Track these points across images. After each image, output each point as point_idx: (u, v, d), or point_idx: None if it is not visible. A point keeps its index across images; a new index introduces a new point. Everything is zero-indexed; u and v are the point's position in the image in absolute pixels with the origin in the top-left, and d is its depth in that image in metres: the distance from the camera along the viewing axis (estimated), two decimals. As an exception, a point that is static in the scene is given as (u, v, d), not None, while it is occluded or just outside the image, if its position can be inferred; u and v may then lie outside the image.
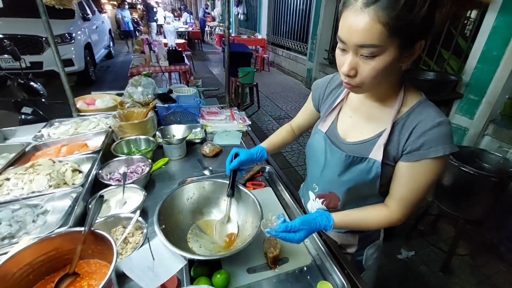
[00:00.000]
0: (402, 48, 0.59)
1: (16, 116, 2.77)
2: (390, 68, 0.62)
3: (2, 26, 4.77)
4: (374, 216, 0.81)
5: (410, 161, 0.71)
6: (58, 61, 1.45)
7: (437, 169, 0.71)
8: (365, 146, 0.78)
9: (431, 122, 0.68)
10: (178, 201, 0.97)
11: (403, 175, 0.74)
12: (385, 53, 0.59)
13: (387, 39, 0.56)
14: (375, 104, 0.78)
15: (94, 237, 0.66)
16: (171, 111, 1.70)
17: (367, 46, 0.58)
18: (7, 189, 0.95)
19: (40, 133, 1.40)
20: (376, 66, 0.60)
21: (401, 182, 0.75)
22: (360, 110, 0.82)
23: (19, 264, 0.59)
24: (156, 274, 0.68)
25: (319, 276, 0.85)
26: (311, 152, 0.93)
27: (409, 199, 0.76)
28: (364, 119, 0.81)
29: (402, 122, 0.73)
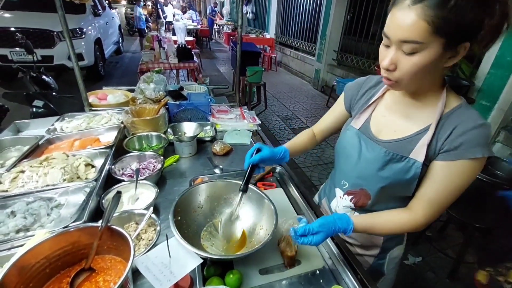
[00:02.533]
0: (445, 48, 0.59)
1: (26, 108, 2.80)
2: (430, 66, 0.62)
3: (14, 20, 4.83)
4: (396, 220, 0.78)
5: (447, 160, 0.70)
6: (73, 55, 1.45)
7: (472, 172, 0.69)
8: (402, 144, 0.76)
9: (473, 123, 0.67)
10: (197, 197, 0.97)
11: (436, 175, 0.72)
12: (426, 50, 0.59)
13: (430, 37, 0.57)
14: (413, 103, 0.77)
15: (110, 232, 0.66)
16: (182, 108, 1.70)
17: (409, 42, 0.59)
18: (22, 182, 0.96)
19: (53, 126, 1.41)
20: (417, 62, 0.61)
21: (432, 182, 0.73)
22: (395, 109, 0.81)
23: (37, 257, 0.59)
24: (172, 272, 0.68)
25: (331, 280, 0.84)
26: (342, 149, 0.92)
27: (438, 202, 0.73)
28: (400, 118, 0.80)
29: (442, 122, 0.71)
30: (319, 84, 6.48)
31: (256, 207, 0.97)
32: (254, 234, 0.93)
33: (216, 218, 0.99)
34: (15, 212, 0.86)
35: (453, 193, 0.72)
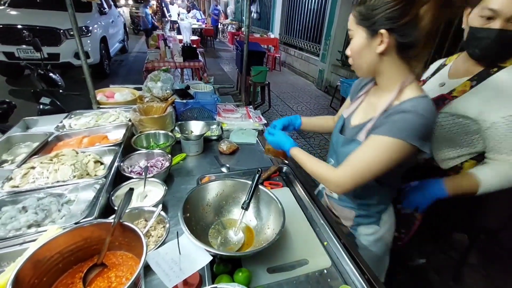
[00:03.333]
0: (367, 34, 0.77)
1: (33, 105, 2.83)
2: (361, 51, 0.80)
3: (21, 17, 4.87)
4: (323, 167, 0.91)
5: (370, 134, 0.81)
6: (82, 54, 1.47)
7: (386, 149, 0.76)
8: (357, 130, 0.90)
9: (405, 108, 0.75)
10: (206, 195, 0.98)
11: (361, 145, 0.83)
12: (356, 36, 0.80)
13: (354, 26, 0.80)
14: (377, 94, 0.91)
15: (122, 229, 0.66)
16: (188, 107, 1.71)
17: (348, 29, 0.84)
18: (32, 178, 0.97)
19: (62, 123, 1.42)
20: (352, 46, 0.83)
21: (356, 150, 0.83)
22: (367, 99, 0.96)
23: (51, 251, 0.60)
24: (181, 269, 0.69)
25: (339, 279, 0.84)
26: (333, 132, 1.09)
27: (354, 165, 0.82)
28: (366, 107, 0.94)
29: (388, 112, 0.80)
30: (323, 85, 6.47)
31: (265, 207, 0.98)
32: (262, 233, 0.94)
33: (224, 216, 1.00)
34: (26, 207, 0.87)
35: (368, 162, 0.79)
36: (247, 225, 0.98)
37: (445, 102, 0.99)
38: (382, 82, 0.86)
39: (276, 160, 1.42)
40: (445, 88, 1.04)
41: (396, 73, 0.81)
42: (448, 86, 1.03)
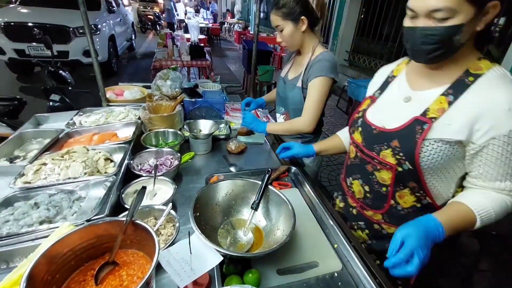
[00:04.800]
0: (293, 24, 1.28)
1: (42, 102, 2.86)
2: (292, 35, 1.31)
3: (32, 15, 4.93)
4: (292, 122, 1.41)
5: (308, 82, 1.32)
6: (93, 52, 1.48)
7: (320, 86, 1.28)
8: (294, 81, 1.41)
9: (317, 59, 1.29)
10: (216, 194, 0.97)
11: (307, 93, 1.33)
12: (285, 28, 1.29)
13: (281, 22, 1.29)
14: (299, 58, 1.43)
15: (134, 227, 0.66)
16: (197, 105, 1.71)
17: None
18: (44, 174, 0.97)
19: (72, 120, 1.43)
20: (283, 35, 1.31)
21: (306, 98, 1.34)
22: (294, 63, 1.47)
23: (64, 248, 0.60)
24: (192, 268, 0.68)
25: (351, 283, 0.83)
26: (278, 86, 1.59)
27: (306, 108, 1.33)
28: (294, 68, 1.46)
29: (309, 65, 1.33)
30: (332, 85, 6.42)
31: (274, 208, 0.97)
32: (272, 234, 0.93)
33: (233, 216, 0.99)
34: (38, 203, 0.87)
35: (315, 101, 1.30)
36: (256, 225, 0.97)
37: (424, 127, 0.77)
38: (303, 50, 1.38)
39: (285, 160, 1.42)
40: (414, 105, 0.84)
41: (310, 41, 1.35)
42: (417, 102, 0.83)
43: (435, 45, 0.71)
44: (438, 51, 0.72)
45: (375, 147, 0.89)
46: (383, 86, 0.97)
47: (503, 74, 0.73)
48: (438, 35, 0.69)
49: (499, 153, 0.73)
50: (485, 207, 0.75)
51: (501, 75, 0.73)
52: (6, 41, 4.68)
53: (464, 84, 0.75)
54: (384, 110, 0.92)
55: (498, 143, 0.72)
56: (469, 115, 0.73)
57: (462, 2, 0.64)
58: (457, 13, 0.65)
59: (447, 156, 0.78)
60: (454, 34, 0.68)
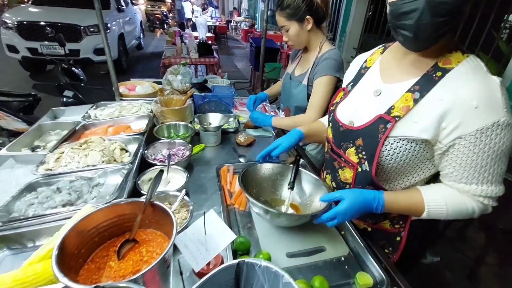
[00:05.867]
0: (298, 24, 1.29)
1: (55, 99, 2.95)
2: (298, 34, 1.32)
3: (44, 14, 5.04)
4: (297, 117, 1.43)
5: (314, 80, 1.34)
6: (107, 49, 1.54)
7: (325, 84, 1.31)
8: (300, 78, 1.44)
9: (324, 58, 1.32)
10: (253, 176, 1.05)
11: (312, 91, 1.36)
12: (291, 28, 1.30)
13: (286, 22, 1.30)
14: (306, 55, 1.45)
15: (152, 208, 0.70)
16: (206, 100, 1.75)
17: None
18: (65, 162, 1.03)
19: (88, 113, 1.49)
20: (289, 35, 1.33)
21: (312, 95, 1.37)
22: (302, 60, 1.50)
23: (89, 225, 0.64)
24: (207, 249, 0.72)
25: (357, 267, 0.86)
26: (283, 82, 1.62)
27: (311, 105, 1.36)
28: (301, 64, 1.48)
29: (316, 63, 1.35)
30: (337, 82, 6.41)
31: (307, 185, 1.05)
32: (308, 207, 1.01)
33: (269, 197, 1.06)
34: (60, 188, 0.93)
35: (320, 99, 1.33)
36: (292, 203, 1.03)
37: (387, 126, 0.74)
38: (310, 47, 1.40)
39: (292, 153, 1.45)
40: (382, 100, 0.79)
41: (317, 38, 1.37)
42: (385, 96, 0.79)
43: (442, 18, 0.59)
44: (443, 29, 0.61)
45: (342, 145, 0.89)
46: (356, 78, 0.93)
47: (474, 66, 0.67)
48: (448, 2, 0.57)
49: (464, 154, 0.68)
50: (438, 203, 0.74)
51: (472, 68, 0.67)
52: (19, 39, 4.80)
53: (431, 79, 0.70)
54: (354, 105, 0.88)
55: (464, 143, 0.67)
56: (435, 112, 0.68)
57: None
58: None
59: (412, 155, 0.75)
60: (464, 4, 0.58)
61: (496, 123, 0.63)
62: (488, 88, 0.64)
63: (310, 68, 1.37)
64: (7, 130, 2.27)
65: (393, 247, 0.98)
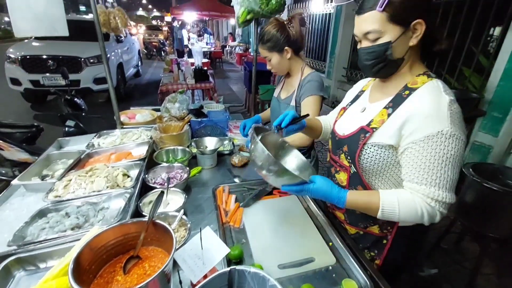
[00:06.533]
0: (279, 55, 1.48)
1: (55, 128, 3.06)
2: (280, 63, 1.50)
3: (46, 48, 5.29)
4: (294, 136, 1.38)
5: (301, 101, 1.48)
6: (109, 79, 1.66)
7: (312, 103, 1.45)
8: (288, 100, 1.57)
9: (307, 80, 1.48)
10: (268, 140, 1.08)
11: (301, 111, 1.49)
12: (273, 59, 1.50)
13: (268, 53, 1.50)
14: (289, 79, 1.61)
15: (154, 226, 0.79)
16: (203, 125, 1.87)
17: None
18: (73, 189, 1.12)
19: (91, 142, 1.59)
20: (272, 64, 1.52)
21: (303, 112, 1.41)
22: (286, 84, 1.65)
23: (98, 244, 0.72)
24: (204, 263, 0.80)
25: (344, 275, 0.93)
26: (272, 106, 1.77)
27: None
28: (286, 88, 1.63)
29: (300, 86, 1.50)
30: (330, 100, 6.62)
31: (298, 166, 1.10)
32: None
33: None
34: (68, 213, 1.01)
35: (311, 115, 1.33)
36: None
37: (366, 135, 0.90)
38: (292, 72, 1.57)
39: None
40: (365, 114, 0.97)
41: (298, 64, 1.54)
42: (368, 112, 0.96)
43: (373, 60, 0.85)
44: (378, 65, 0.86)
45: (337, 152, 1.05)
46: (354, 99, 1.11)
47: (434, 86, 0.82)
48: (372, 52, 0.84)
49: (416, 157, 0.80)
50: (392, 206, 0.82)
51: (431, 88, 0.82)
52: (22, 72, 5.01)
53: (401, 97, 0.86)
54: (347, 119, 1.06)
55: (415, 147, 0.79)
56: (399, 122, 0.83)
57: (386, 24, 0.78)
58: (384, 33, 0.79)
59: (384, 160, 0.89)
60: (385, 50, 0.81)
61: (441, 132, 0.76)
62: (437, 103, 0.78)
63: (296, 90, 1.53)
64: (10, 160, 2.36)
65: (378, 250, 1.07)
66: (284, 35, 1.41)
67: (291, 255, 0.98)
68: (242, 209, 1.20)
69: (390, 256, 1.05)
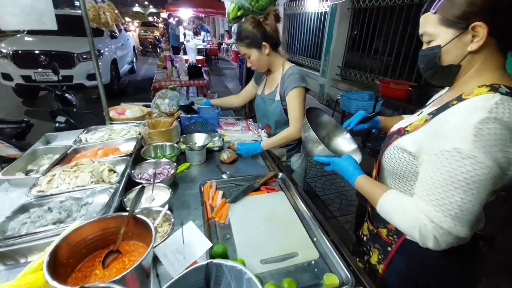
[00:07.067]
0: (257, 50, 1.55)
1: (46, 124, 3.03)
2: (259, 59, 1.57)
3: (38, 43, 5.23)
4: (284, 133, 1.58)
5: (285, 95, 1.54)
6: (98, 76, 1.65)
7: (297, 95, 1.52)
8: (272, 95, 1.63)
9: (288, 73, 1.55)
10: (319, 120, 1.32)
11: (288, 104, 1.56)
12: (252, 55, 1.56)
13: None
14: (271, 75, 1.68)
15: (134, 221, 0.79)
16: (193, 121, 1.86)
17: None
18: (56, 183, 1.11)
19: (79, 138, 1.58)
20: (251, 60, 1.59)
21: (288, 108, 1.56)
22: (268, 80, 1.72)
23: (77, 238, 0.72)
24: (185, 257, 0.80)
25: (326, 269, 0.94)
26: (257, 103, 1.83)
27: (293, 117, 1.55)
28: (269, 84, 1.70)
29: (283, 79, 1.56)
30: (324, 98, 6.64)
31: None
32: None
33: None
34: (51, 208, 1.00)
35: (297, 109, 1.53)
36: None
37: (397, 136, 0.88)
38: (273, 68, 1.63)
39: (272, 167, 1.55)
40: (414, 117, 0.93)
41: (277, 60, 1.61)
42: (414, 117, 0.94)
43: (424, 65, 0.80)
44: (429, 71, 0.80)
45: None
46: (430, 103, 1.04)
47: (484, 99, 0.67)
48: (424, 55, 0.79)
49: (425, 170, 0.74)
50: (389, 206, 0.82)
51: (480, 100, 0.68)
52: (14, 68, 4.95)
53: (447, 106, 0.76)
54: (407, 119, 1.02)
55: (429, 159, 0.73)
56: (429, 131, 0.76)
57: (438, 26, 0.72)
58: (436, 36, 0.74)
59: (403, 164, 0.84)
60: (434, 55, 0.75)
61: (457, 149, 0.65)
62: (467, 119, 0.66)
63: (279, 85, 1.57)
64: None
65: (384, 255, 1.03)
66: (261, 31, 1.47)
67: (275, 250, 0.98)
68: (229, 205, 1.21)
69: (392, 267, 1.01)
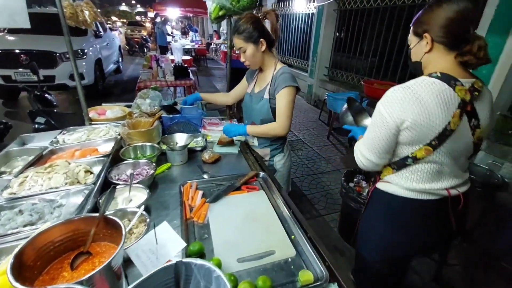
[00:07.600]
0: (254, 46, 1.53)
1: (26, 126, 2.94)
2: (254, 56, 1.54)
3: (19, 42, 5.07)
4: (268, 126, 1.61)
5: (276, 93, 1.54)
6: (77, 76, 1.61)
7: (287, 94, 1.51)
8: (261, 94, 1.63)
9: (280, 73, 1.55)
10: None
11: (277, 102, 1.55)
12: (247, 50, 1.53)
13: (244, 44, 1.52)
14: (263, 74, 1.68)
15: (105, 222, 0.77)
16: (175, 121, 1.85)
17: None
18: (28, 185, 1.08)
19: (56, 139, 1.54)
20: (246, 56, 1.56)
21: (277, 106, 1.55)
22: (259, 79, 1.72)
23: (45, 240, 0.70)
24: (158, 257, 0.79)
25: (302, 266, 0.95)
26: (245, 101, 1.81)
27: (280, 114, 1.55)
28: (259, 82, 1.69)
29: (274, 78, 1.56)
30: (312, 99, 6.71)
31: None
32: None
33: None
34: (22, 211, 0.97)
35: (287, 108, 1.53)
36: None
37: None
38: (265, 67, 1.64)
39: (255, 166, 1.55)
40: None
41: (270, 59, 1.61)
42: None
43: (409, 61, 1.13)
44: (410, 65, 1.12)
45: None
46: None
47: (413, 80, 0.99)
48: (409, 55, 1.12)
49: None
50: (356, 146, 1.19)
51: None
52: (-8, 68, 4.78)
53: None
54: None
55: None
56: None
57: (411, 35, 1.06)
58: (410, 41, 1.07)
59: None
60: (409, 54, 1.10)
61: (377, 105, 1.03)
62: None
63: (269, 83, 1.57)
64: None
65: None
66: (260, 26, 1.49)
67: (252, 249, 0.99)
68: (208, 205, 1.20)
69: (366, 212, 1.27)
